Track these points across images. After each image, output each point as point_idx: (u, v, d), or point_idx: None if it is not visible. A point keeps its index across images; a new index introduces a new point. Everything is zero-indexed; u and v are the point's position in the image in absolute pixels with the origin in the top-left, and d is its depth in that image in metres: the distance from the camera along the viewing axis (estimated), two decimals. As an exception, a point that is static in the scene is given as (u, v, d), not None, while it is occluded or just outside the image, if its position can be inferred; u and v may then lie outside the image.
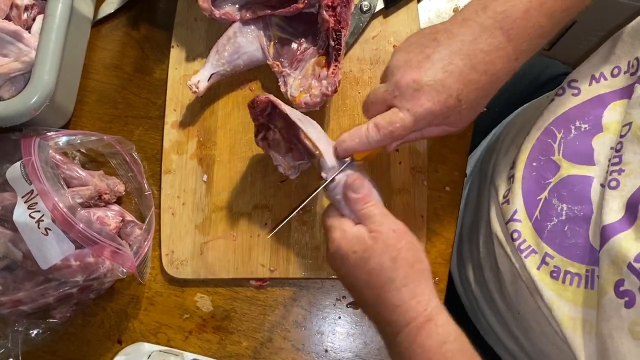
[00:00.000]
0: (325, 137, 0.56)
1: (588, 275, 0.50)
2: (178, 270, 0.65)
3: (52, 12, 0.60)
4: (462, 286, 0.76)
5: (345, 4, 0.62)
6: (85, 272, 0.57)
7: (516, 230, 0.56)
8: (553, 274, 0.52)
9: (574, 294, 0.51)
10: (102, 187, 0.64)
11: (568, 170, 0.54)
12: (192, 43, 0.71)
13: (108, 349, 0.65)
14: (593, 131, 0.54)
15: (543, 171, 0.57)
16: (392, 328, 0.48)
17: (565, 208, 0.53)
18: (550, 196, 0.55)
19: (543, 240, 0.54)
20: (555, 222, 0.54)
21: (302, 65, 0.66)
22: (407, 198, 0.64)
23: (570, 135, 0.56)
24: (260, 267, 0.64)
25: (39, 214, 0.56)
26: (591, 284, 0.50)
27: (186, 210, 0.66)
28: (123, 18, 0.74)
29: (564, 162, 0.55)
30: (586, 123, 0.55)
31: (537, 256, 0.54)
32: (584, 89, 0.57)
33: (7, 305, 0.59)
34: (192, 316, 0.65)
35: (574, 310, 0.50)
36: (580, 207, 0.52)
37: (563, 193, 0.54)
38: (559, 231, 0.53)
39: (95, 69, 0.73)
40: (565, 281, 0.51)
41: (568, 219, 0.53)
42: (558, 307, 0.51)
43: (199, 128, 0.68)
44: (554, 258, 0.53)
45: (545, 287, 0.52)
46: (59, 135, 0.63)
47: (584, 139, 0.54)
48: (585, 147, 0.54)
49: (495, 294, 0.64)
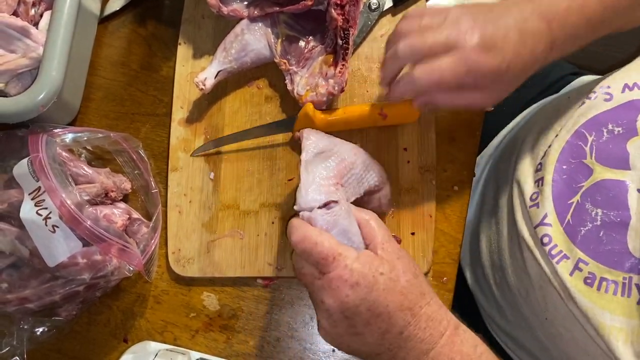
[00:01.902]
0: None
1: (625, 282, 0.49)
2: (185, 268, 0.64)
3: (60, 8, 0.60)
4: (478, 286, 0.75)
5: (354, 3, 0.62)
6: (92, 270, 0.57)
7: (546, 235, 0.55)
8: (587, 280, 0.51)
9: (609, 302, 0.49)
10: (108, 184, 0.63)
11: (602, 174, 0.53)
12: (200, 40, 0.70)
13: (114, 347, 0.65)
14: (627, 135, 0.53)
15: (574, 174, 0.56)
16: (425, 344, 0.47)
17: (600, 213, 0.52)
18: (583, 200, 0.54)
19: (576, 246, 0.53)
20: (589, 227, 0.52)
21: (310, 63, 0.65)
22: (416, 197, 0.64)
23: (602, 139, 0.55)
24: (268, 265, 0.64)
25: (46, 211, 0.55)
26: (628, 292, 0.49)
27: (193, 208, 0.66)
28: (130, 15, 0.74)
29: (597, 165, 0.54)
30: (619, 126, 0.54)
31: (570, 262, 0.53)
32: (616, 95, 0.57)
33: (13, 303, 0.58)
34: (198, 315, 0.65)
35: (609, 319, 0.49)
36: (617, 213, 0.51)
37: (597, 197, 0.53)
38: (594, 237, 0.52)
39: (102, 65, 0.73)
40: (600, 288, 0.50)
41: (603, 224, 0.52)
42: (594, 314, 0.50)
43: (206, 125, 0.68)
44: (588, 264, 0.51)
45: (578, 294, 0.51)
46: (65, 132, 0.63)
47: (618, 142, 0.54)
48: (620, 150, 0.53)
49: (519, 298, 0.63)
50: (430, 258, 0.63)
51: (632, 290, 0.48)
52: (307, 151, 0.54)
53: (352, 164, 0.55)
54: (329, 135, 0.58)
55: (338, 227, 0.50)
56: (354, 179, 0.56)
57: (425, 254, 0.63)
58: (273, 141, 0.67)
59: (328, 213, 0.51)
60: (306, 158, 0.54)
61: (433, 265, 0.64)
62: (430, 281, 0.64)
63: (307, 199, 0.51)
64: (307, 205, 0.51)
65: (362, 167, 0.56)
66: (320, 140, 0.56)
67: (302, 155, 0.54)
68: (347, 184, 0.55)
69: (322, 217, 0.50)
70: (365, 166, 0.56)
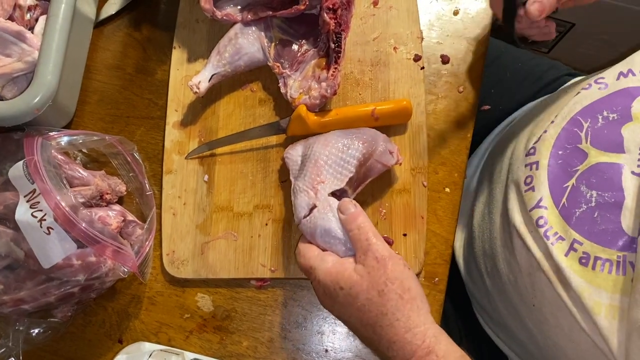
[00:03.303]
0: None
1: (620, 261, 0.50)
2: (179, 270, 0.65)
3: (55, 13, 0.60)
4: (470, 277, 0.76)
5: (346, 7, 0.62)
6: (87, 271, 0.58)
7: (542, 217, 0.56)
8: (582, 260, 0.52)
9: (605, 281, 0.50)
10: (103, 187, 0.64)
11: (597, 157, 0.54)
12: (194, 44, 0.71)
13: (109, 348, 0.65)
14: (622, 120, 0.54)
15: (569, 159, 0.56)
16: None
17: (595, 195, 0.53)
18: (578, 183, 0.55)
19: (571, 227, 0.54)
20: (584, 208, 0.53)
21: (303, 66, 0.66)
22: (408, 198, 0.65)
23: (597, 124, 0.56)
24: (261, 267, 0.64)
25: (41, 213, 0.56)
26: (623, 270, 0.49)
27: (187, 210, 0.66)
28: (125, 19, 0.75)
29: (592, 149, 0.55)
30: (614, 112, 0.55)
31: (565, 243, 0.54)
32: (611, 83, 0.57)
33: (9, 305, 0.59)
34: (192, 316, 0.65)
35: (605, 297, 0.50)
36: (611, 194, 0.52)
37: (592, 180, 0.54)
38: (589, 217, 0.53)
39: (98, 69, 0.73)
40: (595, 267, 0.51)
41: (598, 205, 0.52)
42: (589, 294, 0.51)
43: (200, 128, 0.69)
44: (582, 244, 0.52)
45: (574, 274, 0.52)
46: (61, 135, 0.63)
47: (613, 127, 0.54)
48: (615, 135, 0.54)
49: (508, 285, 0.64)
50: (422, 259, 0.63)
51: (627, 268, 0.49)
52: (292, 171, 0.59)
53: (326, 157, 0.58)
54: (305, 140, 0.61)
55: (318, 230, 0.54)
56: (335, 166, 0.58)
57: (417, 255, 0.63)
58: (267, 143, 0.67)
59: (308, 220, 0.54)
60: (294, 177, 0.59)
61: (425, 266, 0.64)
62: (422, 282, 0.64)
63: (297, 213, 0.56)
64: (299, 217, 0.55)
65: (338, 152, 0.58)
66: (298, 150, 0.60)
67: (291, 178, 0.59)
68: (329, 175, 0.57)
69: (305, 226, 0.55)
70: (344, 146, 0.58)
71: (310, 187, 0.56)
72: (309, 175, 0.57)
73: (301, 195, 0.56)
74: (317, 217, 0.54)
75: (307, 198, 0.55)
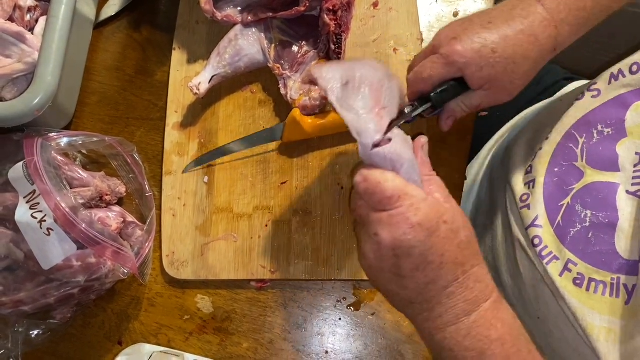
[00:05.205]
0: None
1: (613, 283, 0.49)
2: (179, 271, 0.65)
3: (55, 14, 0.60)
4: None
5: (347, 9, 0.63)
6: (87, 272, 0.58)
7: (537, 236, 0.56)
8: (576, 281, 0.52)
9: (598, 303, 0.50)
10: (103, 188, 0.64)
11: (592, 177, 0.54)
12: (194, 45, 0.71)
13: (108, 350, 0.65)
14: (617, 136, 0.54)
15: (566, 177, 0.56)
16: (469, 305, 0.45)
17: (589, 215, 0.53)
18: (573, 202, 0.55)
19: (565, 247, 0.54)
20: (578, 228, 0.53)
21: (303, 68, 0.66)
22: (407, 200, 0.64)
23: (593, 140, 0.56)
24: (261, 268, 0.64)
25: (41, 214, 0.56)
26: (616, 292, 0.49)
27: (187, 211, 0.66)
28: (125, 20, 0.75)
29: (588, 168, 0.55)
30: (609, 127, 0.55)
31: (560, 263, 0.54)
32: (603, 89, 0.57)
33: (8, 306, 0.59)
34: (192, 317, 0.65)
35: (598, 319, 0.50)
36: (605, 214, 0.52)
37: (587, 200, 0.54)
38: (583, 238, 0.53)
39: (97, 70, 0.73)
40: (589, 289, 0.51)
41: (592, 225, 0.52)
42: (582, 314, 0.50)
43: (200, 130, 0.69)
44: (577, 265, 0.52)
45: (568, 295, 0.52)
46: (60, 136, 0.63)
47: (608, 144, 0.54)
48: (610, 152, 0.54)
49: (512, 298, 0.63)
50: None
51: (621, 291, 0.49)
52: (332, 89, 0.48)
53: (380, 81, 0.49)
54: (340, 62, 0.55)
55: (403, 162, 0.46)
56: (389, 94, 0.50)
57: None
58: (266, 145, 0.67)
59: (387, 150, 0.46)
60: (337, 96, 0.48)
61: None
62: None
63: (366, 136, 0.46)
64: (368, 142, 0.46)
65: (388, 78, 0.50)
66: (336, 71, 0.50)
67: (329, 97, 0.48)
68: (387, 104, 0.49)
69: (382, 157, 0.46)
70: (389, 76, 0.51)
71: (376, 111, 0.48)
72: (372, 98, 0.48)
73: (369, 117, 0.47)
74: (398, 145, 0.46)
75: (374, 125, 0.47)
